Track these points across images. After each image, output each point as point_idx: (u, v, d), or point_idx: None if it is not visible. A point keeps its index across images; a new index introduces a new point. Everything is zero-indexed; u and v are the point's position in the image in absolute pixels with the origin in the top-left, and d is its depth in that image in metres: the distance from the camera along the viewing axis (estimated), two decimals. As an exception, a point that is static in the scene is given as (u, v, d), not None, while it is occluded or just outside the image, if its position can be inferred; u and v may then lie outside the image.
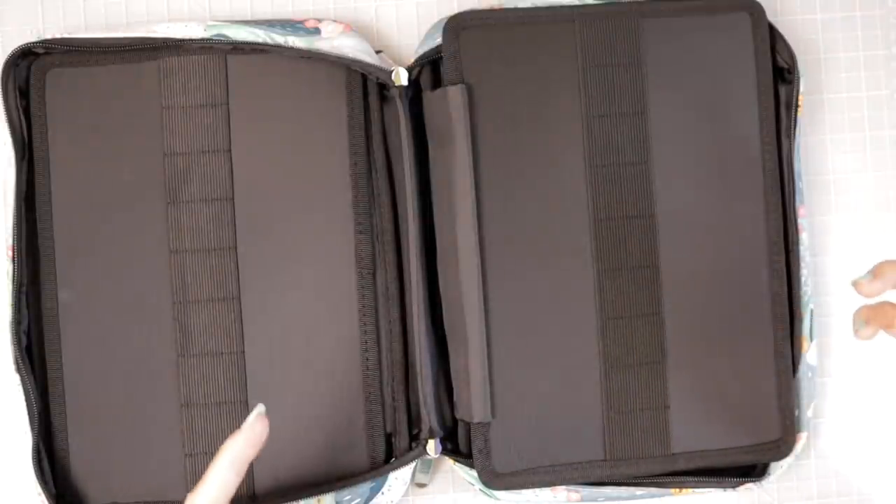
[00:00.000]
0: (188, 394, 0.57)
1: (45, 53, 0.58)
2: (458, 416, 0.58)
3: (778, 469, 0.60)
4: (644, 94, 0.58)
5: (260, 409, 0.50)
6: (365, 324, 0.58)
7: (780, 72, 0.60)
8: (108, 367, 0.57)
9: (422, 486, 0.61)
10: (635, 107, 0.58)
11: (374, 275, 0.59)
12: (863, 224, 0.64)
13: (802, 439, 0.60)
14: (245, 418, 0.49)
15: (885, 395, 0.63)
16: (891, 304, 0.48)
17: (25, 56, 0.57)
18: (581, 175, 0.58)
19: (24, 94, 0.58)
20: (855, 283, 0.49)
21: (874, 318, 0.48)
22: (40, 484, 0.55)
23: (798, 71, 0.59)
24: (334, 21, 0.60)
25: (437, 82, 0.59)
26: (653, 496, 0.59)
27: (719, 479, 0.59)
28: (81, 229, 0.57)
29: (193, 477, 0.57)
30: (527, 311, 0.57)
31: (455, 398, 0.58)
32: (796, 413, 0.59)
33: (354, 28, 0.60)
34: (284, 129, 0.58)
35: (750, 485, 0.59)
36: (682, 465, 0.58)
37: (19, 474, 0.60)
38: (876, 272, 0.48)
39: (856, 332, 0.49)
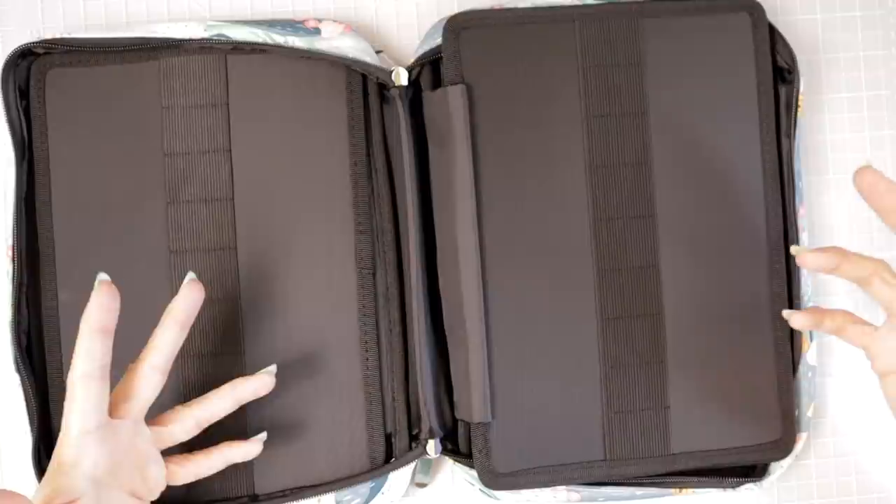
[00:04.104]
0: (188, 394, 0.57)
1: (45, 53, 0.58)
2: (458, 416, 0.58)
3: (778, 469, 0.60)
4: (644, 94, 0.58)
5: (103, 276, 0.50)
6: (365, 324, 0.58)
7: (780, 72, 0.60)
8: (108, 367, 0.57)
9: (422, 486, 0.61)
10: (635, 107, 0.58)
11: (374, 275, 0.59)
12: (863, 224, 0.63)
13: (802, 439, 0.60)
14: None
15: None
16: (846, 313, 0.50)
17: (25, 56, 0.57)
18: (581, 175, 0.58)
19: (24, 94, 0.58)
20: (797, 250, 0.50)
21: (822, 315, 0.51)
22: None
23: (798, 71, 0.59)
24: (334, 21, 0.60)
25: (437, 82, 0.59)
26: (653, 496, 0.59)
27: (719, 479, 0.59)
28: (81, 229, 0.57)
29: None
30: (527, 312, 0.57)
31: (455, 398, 0.58)
32: (796, 413, 0.60)
33: (354, 28, 0.60)
34: (284, 129, 0.58)
35: (750, 485, 0.59)
36: (682, 465, 0.58)
37: (19, 474, 0.60)
38: (825, 250, 0.49)
39: (789, 315, 0.52)
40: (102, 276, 0.50)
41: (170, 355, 0.51)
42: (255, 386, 0.54)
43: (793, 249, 0.51)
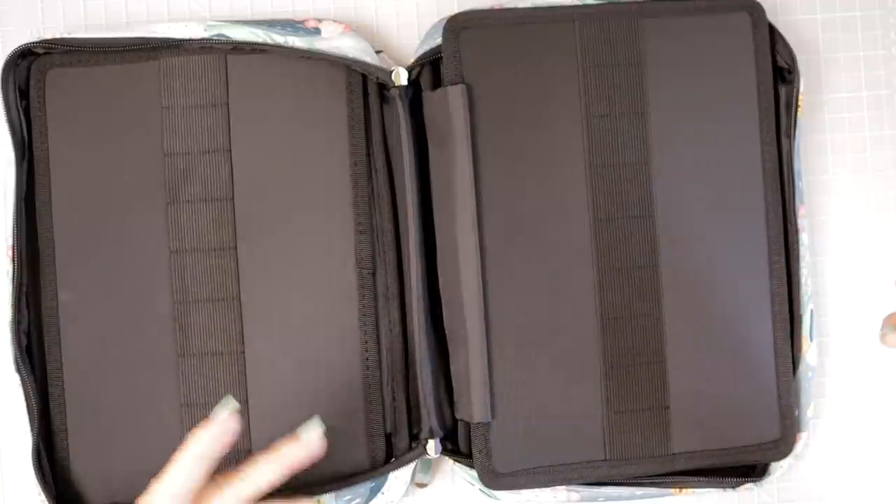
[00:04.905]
0: (188, 394, 0.57)
1: (45, 53, 0.58)
2: (458, 416, 0.58)
3: (778, 469, 0.60)
4: (644, 94, 0.58)
5: (232, 405, 0.50)
6: (365, 324, 0.58)
7: (780, 72, 0.60)
8: (109, 367, 0.57)
9: (422, 486, 0.61)
10: (635, 107, 0.58)
11: (374, 275, 0.59)
12: (863, 224, 0.64)
13: (802, 439, 0.60)
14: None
15: (884, 395, 0.63)
16: None
17: (25, 56, 0.57)
18: (581, 175, 0.58)
19: (24, 94, 0.58)
20: (883, 339, 0.52)
21: None
22: (40, 484, 0.55)
23: (798, 71, 0.59)
24: (334, 21, 0.60)
25: (437, 82, 0.59)
26: (653, 496, 0.59)
27: (719, 479, 0.59)
28: (81, 229, 0.57)
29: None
30: (527, 311, 0.57)
31: (455, 398, 0.58)
32: (796, 413, 0.59)
33: (354, 28, 0.60)
34: (284, 129, 0.58)
35: (750, 485, 0.59)
36: (682, 465, 0.58)
37: (20, 474, 0.60)
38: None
39: (882, 336, 0.50)
40: (231, 406, 0.49)
41: (260, 494, 0.50)
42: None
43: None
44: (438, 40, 0.58)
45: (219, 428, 0.49)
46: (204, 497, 0.49)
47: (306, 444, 0.51)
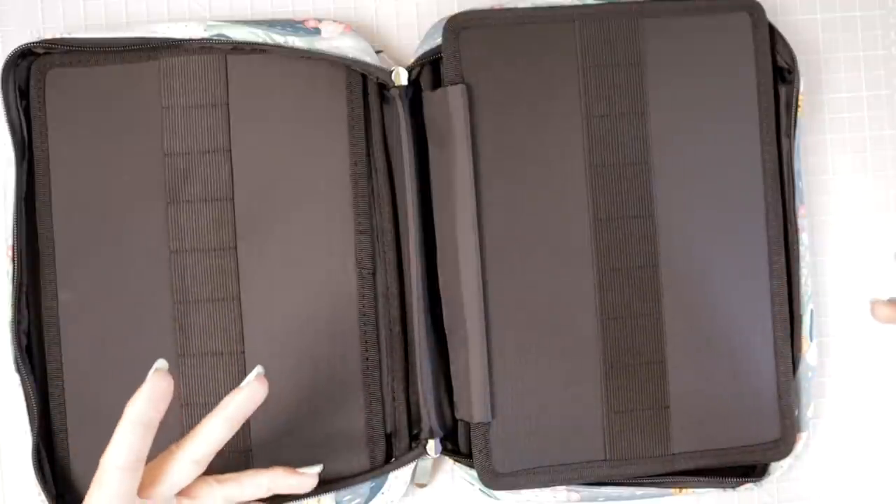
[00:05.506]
0: (188, 394, 0.57)
1: (45, 53, 0.58)
2: (458, 416, 0.58)
3: (778, 469, 0.60)
4: (644, 94, 0.58)
5: (161, 364, 0.48)
6: (365, 324, 0.58)
7: (780, 72, 0.60)
8: (108, 367, 0.57)
9: (422, 486, 0.61)
10: (635, 107, 0.58)
11: (374, 275, 0.59)
12: (863, 224, 0.64)
13: (802, 439, 0.60)
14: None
15: (884, 395, 0.63)
16: None
17: (25, 56, 0.57)
18: (581, 175, 0.58)
19: (24, 94, 0.58)
20: (873, 301, 0.52)
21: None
22: (40, 484, 0.55)
23: (798, 71, 0.59)
24: (334, 21, 0.60)
25: (437, 82, 0.59)
26: (653, 496, 0.59)
27: (719, 479, 0.59)
28: (81, 229, 0.57)
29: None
30: (527, 311, 0.57)
31: (455, 398, 0.58)
32: (796, 413, 0.60)
33: (354, 28, 0.60)
34: (284, 129, 0.58)
35: (750, 485, 0.59)
36: (682, 465, 0.58)
37: (20, 474, 0.60)
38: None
39: (872, 306, 0.52)
40: (159, 364, 0.48)
41: (213, 451, 0.49)
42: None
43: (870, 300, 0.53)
44: (438, 40, 0.58)
45: (152, 390, 0.48)
46: (159, 466, 0.49)
47: (247, 389, 0.50)
